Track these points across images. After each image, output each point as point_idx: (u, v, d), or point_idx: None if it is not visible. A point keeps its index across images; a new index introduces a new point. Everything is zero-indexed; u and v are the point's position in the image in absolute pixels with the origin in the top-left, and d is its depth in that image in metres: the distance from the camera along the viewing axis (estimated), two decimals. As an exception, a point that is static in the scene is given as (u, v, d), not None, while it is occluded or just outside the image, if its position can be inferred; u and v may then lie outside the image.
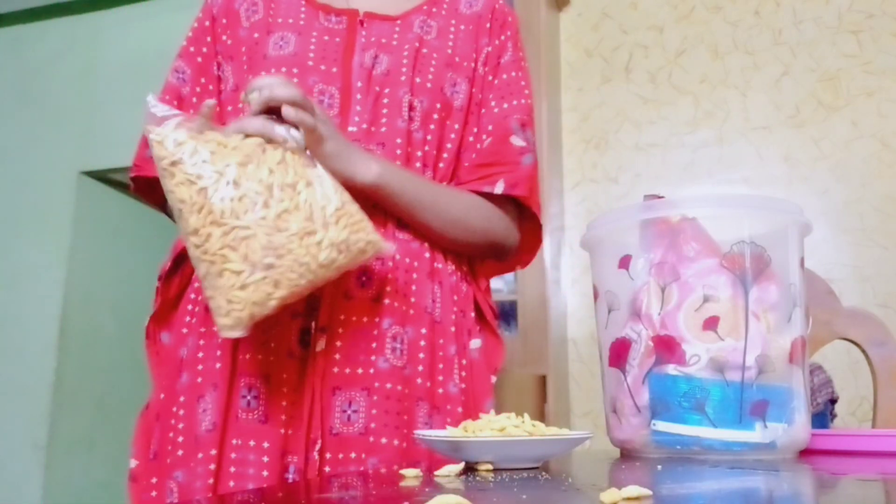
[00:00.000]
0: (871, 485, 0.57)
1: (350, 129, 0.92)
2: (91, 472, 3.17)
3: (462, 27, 1.04)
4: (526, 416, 0.68)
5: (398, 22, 1.00)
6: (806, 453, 0.81)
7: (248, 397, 0.86)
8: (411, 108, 0.95)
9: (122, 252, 3.37)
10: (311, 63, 0.94)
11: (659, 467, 0.66)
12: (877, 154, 2.28)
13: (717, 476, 0.61)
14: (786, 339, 0.77)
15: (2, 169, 3.45)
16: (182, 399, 0.89)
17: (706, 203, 0.82)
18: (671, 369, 0.75)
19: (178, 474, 0.86)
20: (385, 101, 0.94)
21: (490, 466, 0.63)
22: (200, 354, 0.89)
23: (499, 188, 0.97)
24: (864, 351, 1.23)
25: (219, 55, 1.02)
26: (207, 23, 1.03)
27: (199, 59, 1.02)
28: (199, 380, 0.88)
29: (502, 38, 1.06)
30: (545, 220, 2.23)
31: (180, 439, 0.87)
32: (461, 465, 0.62)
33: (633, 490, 0.45)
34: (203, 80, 1.01)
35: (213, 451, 0.84)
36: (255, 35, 0.98)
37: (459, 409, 0.92)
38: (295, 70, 0.93)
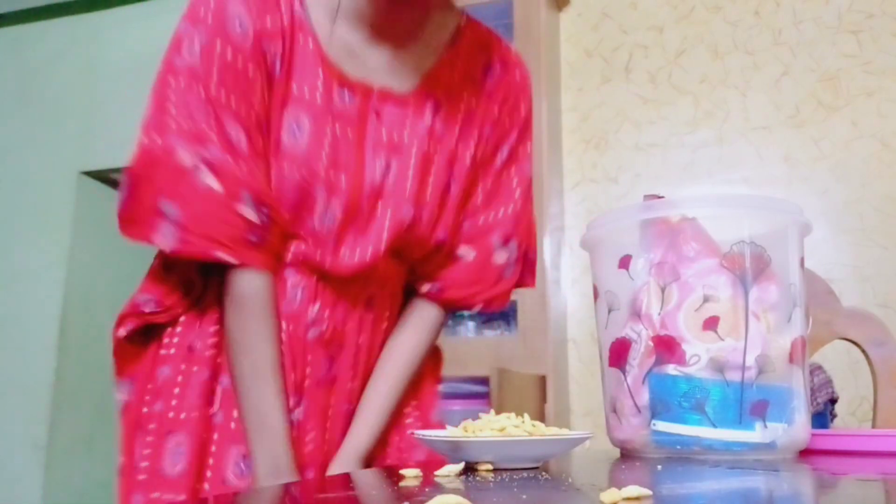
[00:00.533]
0: (871, 485, 0.57)
1: (343, 256, 0.88)
2: (91, 472, 3.17)
3: (473, 103, 0.95)
4: (526, 416, 0.68)
5: (411, 105, 0.91)
6: (806, 453, 0.81)
7: (241, 464, 0.86)
8: (407, 227, 0.92)
9: (122, 252, 3.37)
10: (321, 172, 0.85)
11: (659, 467, 0.66)
12: (877, 154, 2.28)
13: (717, 476, 0.61)
14: (786, 339, 0.77)
15: (2, 169, 3.45)
16: (153, 426, 0.87)
17: (706, 203, 0.82)
18: (671, 369, 0.75)
19: (137, 498, 0.86)
20: (386, 223, 0.89)
21: (490, 466, 0.63)
22: (176, 390, 0.88)
23: (476, 309, 0.99)
24: (864, 351, 1.23)
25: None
26: (251, 67, 0.81)
27: (254, 117, 0.82)
28: (171, 414, 0.87)
29: (508, 123, 0.99)
30: (547, 221, 2.23)
31: (144, 465, 0.87)
32: (461, 465, 0.62)
33: (633, 490, 0.45)
34: (259, 145, 0.83)
35: (182, 497, 0.84)
36: (272, 97, 0.85)
37: None
38: (304, 172, 0.85)
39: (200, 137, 0.79)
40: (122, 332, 0.90)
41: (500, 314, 2.43)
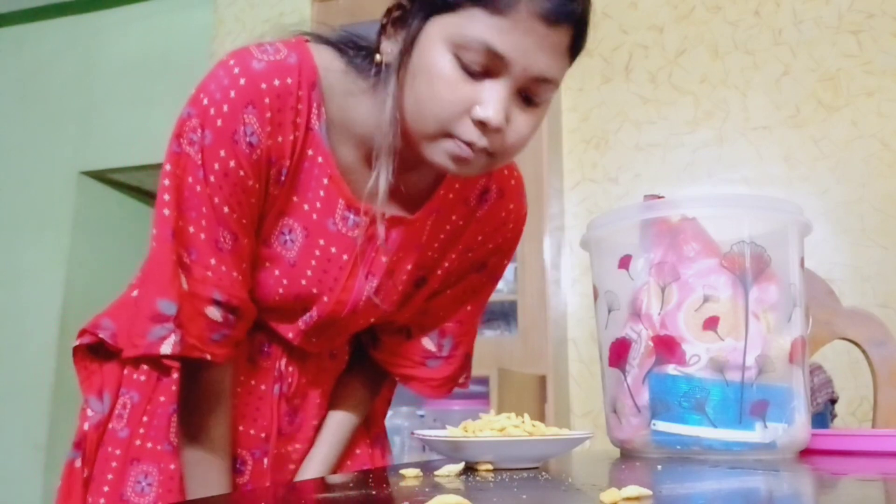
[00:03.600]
0: (871, 485, 0.57)
1: (311, 341, 0.89)
2: (91, 472, 3.17)
3: (461, 224, 0.93)
4: (526, 416, 0.68)
5: (413, 228, 0.88)
6: (806, 453, 0.81)
7: None
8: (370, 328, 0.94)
9: (122, 252, 3.37)
10: (305, 287, 0.85)
11: (659, 467, 0.66)
12: (877, 154, 2.28)
13: (717, 476, 0.61)
14: (786, 339, 0.77)
15: (2, 169, 3.45)
16: (118, 451, 0.86)
17: (706, 203, 0.82)
18: (671, 369, 0.75)
19: None
20: (360, 322, 0.91)
21: (490, 466, 0.63)
22: (144, 419, 0.87)
23: (398, 379, 1.00)
24: (864, 351, 1.23)
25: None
26: (252, 179, 0.78)
27: (245, 222, 0.80)
28: (137, 442, 0.86)
29: (493, 249, 0.97)
30: (547, 221, 2.23)
31: (105, 489, 0.86)
32: (461, 465, 0.62)
33: (633, 490, 0.45)
34: (246, 247, 0.81)
35: None
36: (269, 205, 0.84)
37: None
38: (284, 281, 0.84)
39: (185, 237, 0.77)
40: (80, 342, 0.89)
41: (500, 314, 2.43)
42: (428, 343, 0.98)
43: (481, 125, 0.71)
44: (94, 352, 0.90)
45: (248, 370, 0.88)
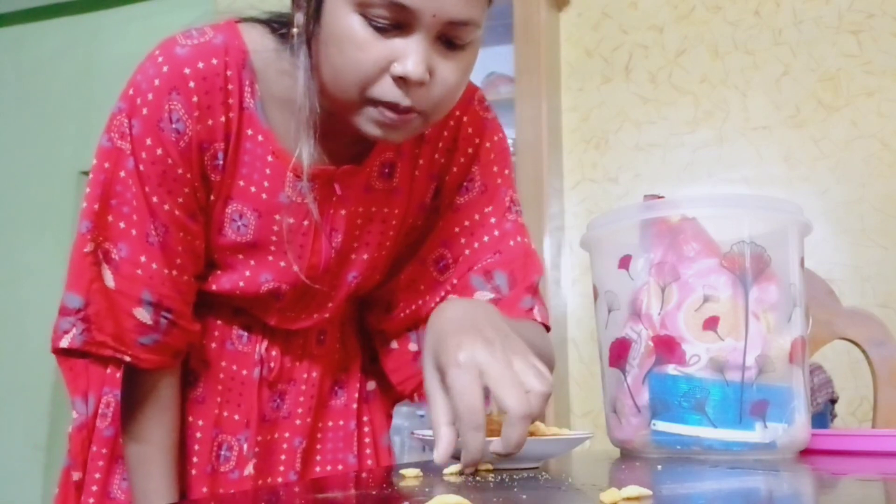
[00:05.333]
0: (871, 485, 0.57)
1: (289, 320, 0.88)
2: (91, 472, 3.17)
3: (417, 152, 0.89)
4: (526, 416, 0.68)
5: (366, 173, 0.86)
6: (806, 453, 0.81)
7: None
8: (358, 286, 0.91)
9: (122, 252, 3.37)
10: (270, 263, 0.84)
11: (659, 467, 0.66)
12: (877, 154, 2.28)
13: (717, 476, 0.61)
14: (786, 339, 0.77)
15: (2, 169, 3.45)
16: (104, 450, 0.85)
17: (706, 203, 0.82)
18: (671, 369, 0.75)
19: None
20: (338, 290, 0.89)
21: (490, 466, 0.63)
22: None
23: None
24: (864, 351, 1.23)
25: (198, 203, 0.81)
26: (182, 167, 0.77)
27: (180, 214, 0.79)
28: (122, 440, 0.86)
29: (462, 165, 0.91)
30: (547, 221, 2.23)
31: (94, 488, 0.86)
32: (461, 465, 0.62)
33: (633, 490, 0.45)
34: (180, 242, 0.80)
35: None
36: (211, 198, 0.82)
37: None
38: (252, 262, 0.84)
39: (115, 232, 0.78)
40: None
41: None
42: (481, 295, 0.89)
43: (402, 82, 0.69)
44: (73, 353, 0.90)
45: (228, 356, 0.88)
